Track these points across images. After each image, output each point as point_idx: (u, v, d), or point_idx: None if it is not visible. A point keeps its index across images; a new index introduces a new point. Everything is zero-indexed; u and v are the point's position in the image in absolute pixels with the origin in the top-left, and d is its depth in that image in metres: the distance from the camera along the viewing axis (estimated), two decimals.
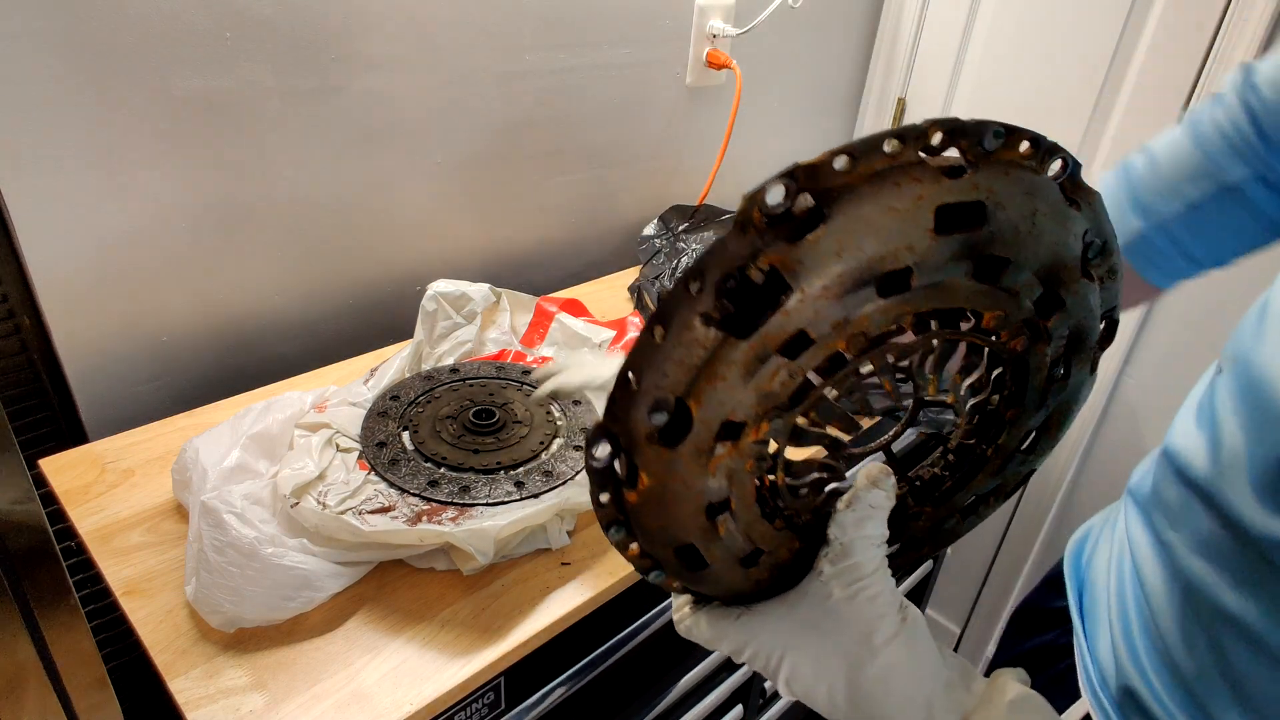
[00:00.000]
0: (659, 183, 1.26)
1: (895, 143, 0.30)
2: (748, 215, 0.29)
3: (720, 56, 1.18)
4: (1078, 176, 0.32)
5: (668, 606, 0.74)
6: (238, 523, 0.57)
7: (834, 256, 0.29)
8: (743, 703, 0.94)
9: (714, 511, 0.34)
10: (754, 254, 0.29)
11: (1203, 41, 1.12)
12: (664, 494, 0.33)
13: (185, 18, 0.73)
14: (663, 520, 0.34)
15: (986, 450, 0.38)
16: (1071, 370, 0.36)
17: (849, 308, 0.30)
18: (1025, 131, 0.31)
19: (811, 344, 0.30)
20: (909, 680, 0.36)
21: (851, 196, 0.30)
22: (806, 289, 0.29)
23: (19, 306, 0.74)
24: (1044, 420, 0.38)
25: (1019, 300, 0.32)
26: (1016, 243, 0.31)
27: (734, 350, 0.30)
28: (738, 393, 0.31)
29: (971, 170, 0.30)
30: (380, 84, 0.88)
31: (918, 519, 0.40)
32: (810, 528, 0.37)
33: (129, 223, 0.77)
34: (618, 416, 0.32)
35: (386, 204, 0.95)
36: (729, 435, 0.32)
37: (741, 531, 0.35)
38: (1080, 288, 0.33)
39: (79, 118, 0.71)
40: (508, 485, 0.68)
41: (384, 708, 0.54)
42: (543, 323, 0.94)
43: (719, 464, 0.32)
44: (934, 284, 0.31)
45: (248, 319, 0.89)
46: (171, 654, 0.56)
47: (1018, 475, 0.41)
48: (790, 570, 0.38)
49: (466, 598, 0.62)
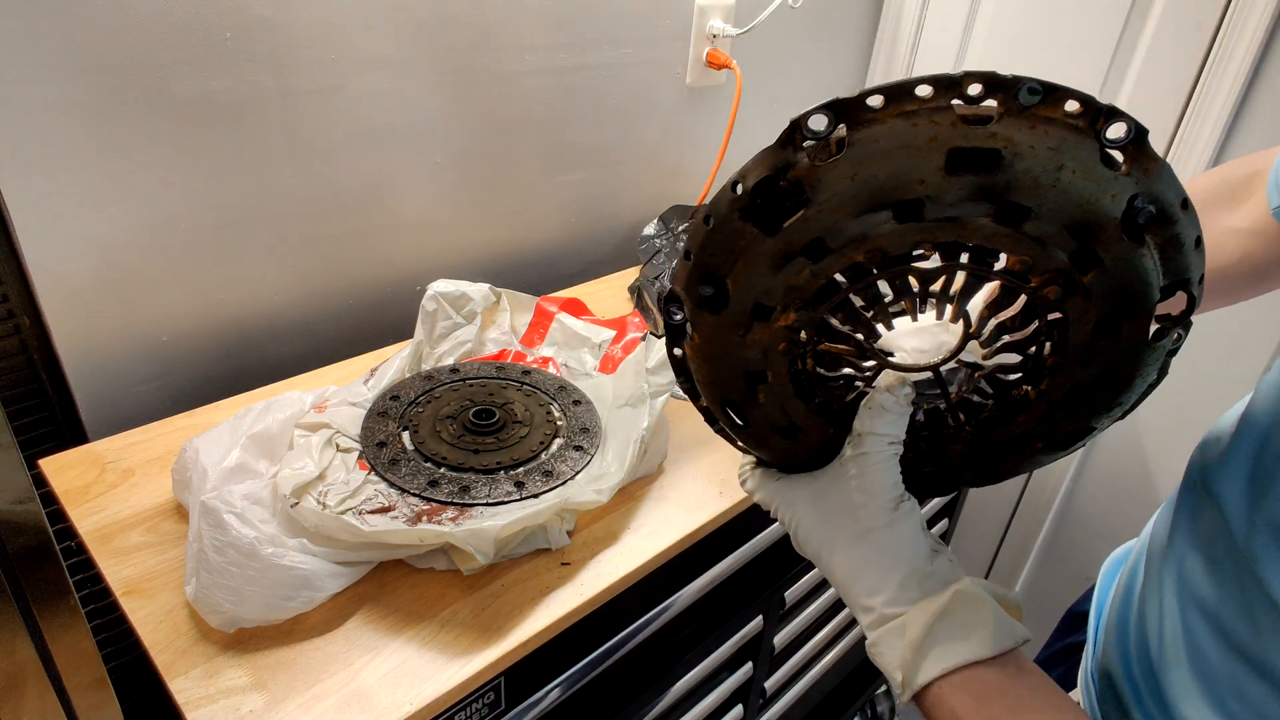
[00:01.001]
0: (659, 183, 1.26)
1: (928, 88, 0.34)
2: (791, 135, 0.35)
3: (720, 56, 1.18)
4: (1144, 143, 0.34)
5: (667, 607, 0.74)
6: (238, 523, 0.57)
7: (848, 180, 0.34)
8: (743, 703, 0.94)
9: (753, 380, 0.41)
10: (786, 167, 0.35)
11: (1203, 41, 1.12)
12: (710, 352, 0.41)
13: (185, 17, 0.73)
14: (710, 375, 0.42)
15: (1029, 392, 0.42)
16: (1122, 330, 0.37)
17: (866, 226, 0.35)
18: (1072, 91, 0.33)
19: (831, 251, 0.36)
20: (879, 562, 0.42)
21: (874, 129, 0.34)
22: (823, 203, 0.35)
23: (19, 306, 0.74)
24: (1094, 377, 0.40)
25: (1047, 249, 0.35)
26: (1037, 193, 0.34)
27: (762, 243, 0.37)
28: (767, 280, 0.37)
29: (996, 120, 0.33)
30: (380, 84, 0.88)
31: (955, 440, 0.45)
32: (842, 418, 0.44)
33: (129, 223, 0.77)
34: (683, 284, 0.40)
35: (386, 204, 0.95)
36: (761, 316, 0.39)
37: (778, 404, 0.42)
38: (1123, 249, 0.35)
39: (79, 118, 0.71)
40: (508, 485, 0.68)
41: (384, 708, 0.54)
42: (543, 323, 0.94)
43: (754, 339, 0.39)
44: (950, 218, 0.35)
45: (248, 319, 0.89)
46: (171, 654, 0.56)
47: (1069, 427, 0.43)
48: (823, 454, 0.45)
49: (466, 598, 0.62)
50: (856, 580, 0.43)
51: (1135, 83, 1.20)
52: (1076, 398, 0.41)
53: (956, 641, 0.39)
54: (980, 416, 0.44)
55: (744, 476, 0.50)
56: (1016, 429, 0.43)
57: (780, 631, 0.94)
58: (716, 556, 0.78)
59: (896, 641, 0.41)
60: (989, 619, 0.40)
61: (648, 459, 0.75)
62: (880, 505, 0.42)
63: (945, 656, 0.39)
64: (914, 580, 0.41)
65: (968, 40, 1.36)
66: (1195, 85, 1.14)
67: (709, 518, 0.72)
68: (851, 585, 0.43)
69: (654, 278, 1.06)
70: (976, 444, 0.45)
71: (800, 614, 0.97)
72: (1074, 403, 0.41)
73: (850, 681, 1.29)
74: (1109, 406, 0.42)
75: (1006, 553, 1.57)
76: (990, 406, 0.44)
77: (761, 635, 0.90)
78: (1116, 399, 0.41)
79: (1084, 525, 1.45)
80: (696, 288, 0.39)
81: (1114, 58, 1.21)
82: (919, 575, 0.41)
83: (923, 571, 0.41)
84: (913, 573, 0.41)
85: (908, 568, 0.41)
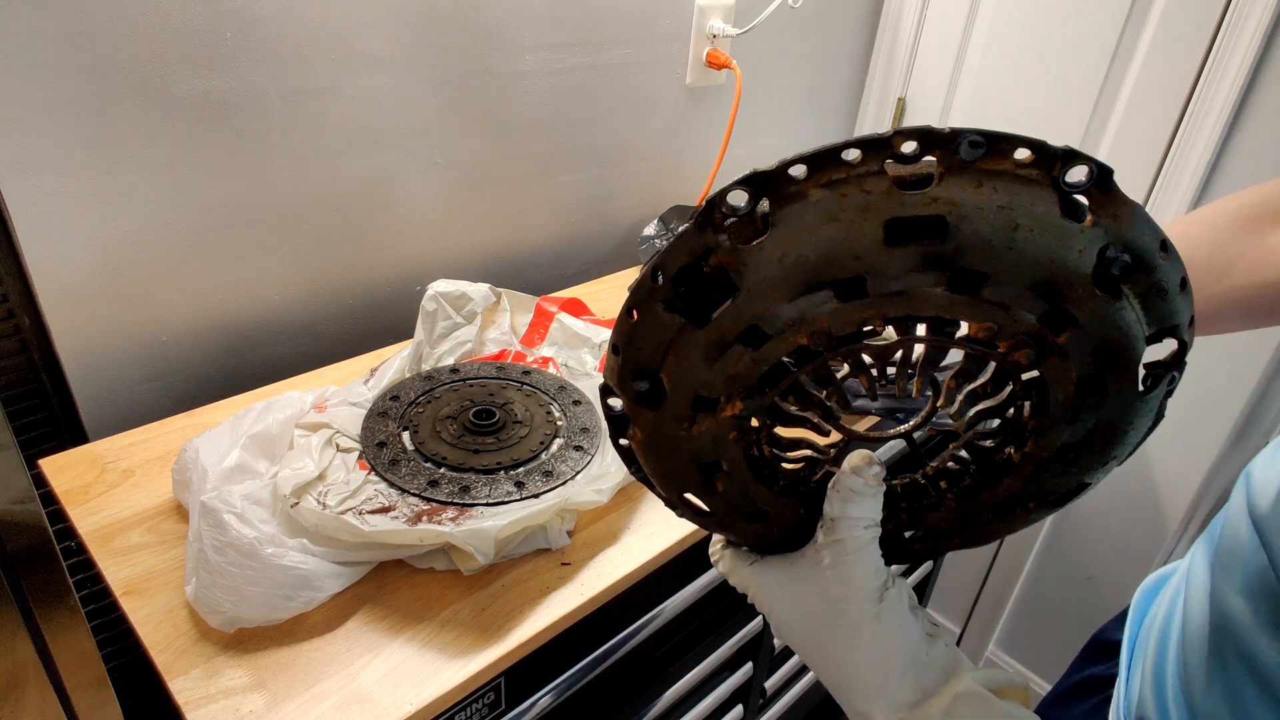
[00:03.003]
0: (659, 183, 1.26)
1: (856, 152, 0.31)
2: (709, 216, 0.32)
3: (720, 56, 1.18)
4: (1109, 184, 0.31)
5: (667, 606, 0.74)
6: (238, 523, 0.57)
7: (775, 262, 0.31)
8: (743, 703, 0.94)
9: (707, 470, 0.38)
10: (707, 252, 0.32)
11: (1203, 41, 1.12)
12: (656, 446, 0.38)
13: (185, 18, 0.73)
14: (660, 468, 0.39)
15: (1012, 455, 0.39)
16: (1107, 387, 0.35)
17: (803, 308, 0.32)
18: (1018, 138, 0.30)
19: (769, 337, 0.33)
20: (868, 659, 0.39)
21: (799, 204, 0.31)
22: (752, 289, 0.32)
23: (19, 306, 0.74)
24: (1083, 435, 0.37)
25: (1011, 313, 0.32)
26: (991, 257, 0.31)
27: (693, 335, 0.34)
28: (703, 372, 0.34)
29: (936, 182, 0.30)
30: (380, 84, 0.88)
31: (937, 508, 0.42)
32: (812, 499, 0.41)
33: (129, 223, 0.77)
34: (615, 380, 0.37)
35: (386, 204, 0.95)
36: (705, 408, 0.36)
37: (739, 490, 0.39)
38: (1098, 304, 0.32)
39: (79, 118, 0.71)
40: (508, 485, 0.68)
41: (384, 708, 0.54)
42: (543, 323, 0.94)
43: (701, 430, 0.36)
44: (896, 292, 0.32)
45: (248, 319, 0.89)
46: (171, 654, 0.56)
47: (1061, 486, 0.40)
48: (798, 533, 0.42)
49: (466, 598, 0.62)
50: (847, 684, 0.40)
51: (1135, 83, 1.20)
52: (1066, 456, 0.38)
53: None
54: (963, 484, 0.41)
55: (716, 557, 0.47)
56: (1004, 491, 0.41)
57: None
58: None
59: None
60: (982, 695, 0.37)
61: None
62: (863, 596, 0.39)
63: None
64: (910, 675, 0.38)
65: (968, 41, 1.37)
66: (1195, 85, 1.14)
67: None
68: (843, 689, 0.40)
69: None
70: (962, 510, 0.42)
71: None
72: (1064, 461, 0.39)
73: None
74: (1103, 461, 0.39)
75: (1006, 553, 1.57)
76: (972, 473, 0.41)
77: (761, 635, 0.90)
78: (1110, 453, 0.38)
79: (1083, 525, 1.45)
80: (630, 384, 0.36)
81: (1114, 58, 1.21)
82: (915, 668, 0.38)
83: (919, 663, 0.38)
84: (908, 666, 0.38)
85: (902, 662, 0.38)
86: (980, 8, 1.34)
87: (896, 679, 0.38)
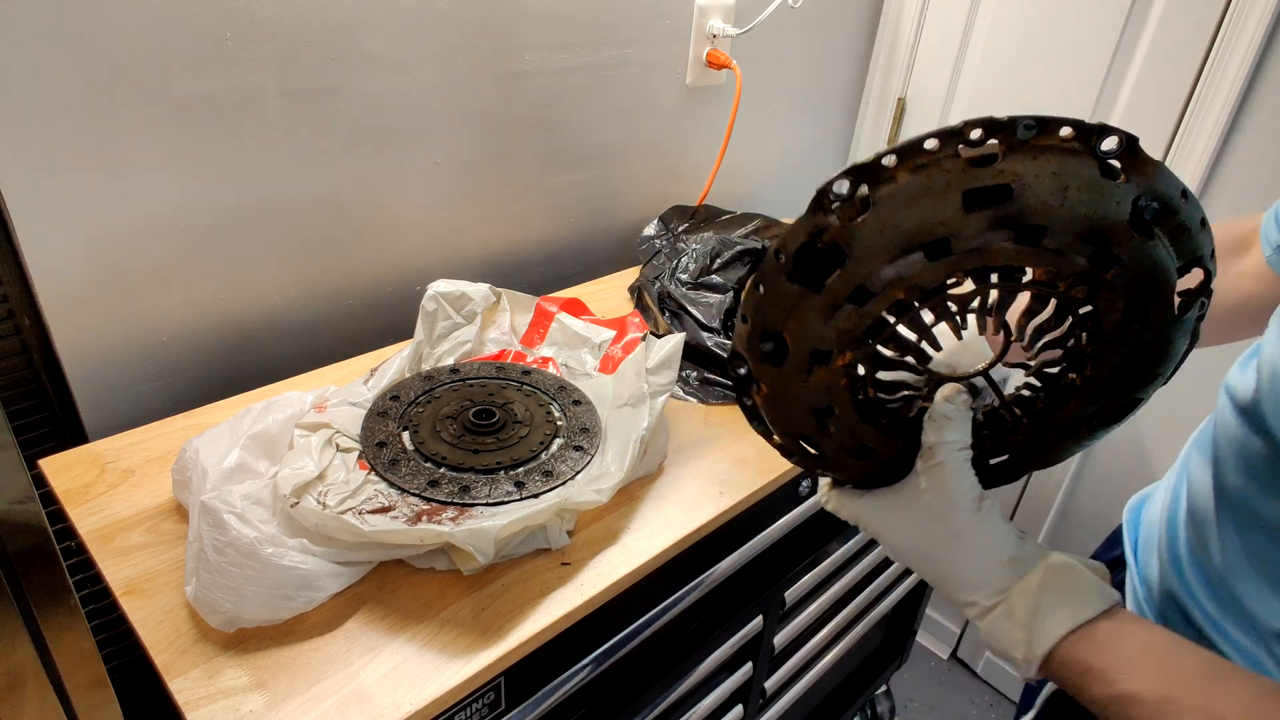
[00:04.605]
0: (659, 183, 1.26)
1: (934, 141, 0.38)
2: (820, 201, 0.40)
3: (720, 56, 1.18)
4: (1135, 149, 0.38)
5: (667, 607, 0.74)
6: (238, 523, 0.57)
7: (877, 233, 0.39)
8: (743, 703, 0.94)
9: (821, 415, 0.45)
10: (820, 230, 0.40)
11: (1203, 41, 1.12)
12: (778, 399, 0.45)
13: (185, 18, 0.73)
14: (781, 418, 0.47)
15: (1075, 379, 0.46)
16: (1149, 313, 0.42)
17: (900, 268, 0.40)
18: (1061, 119, 0.38)
19: (873, 295, 0.40)
20: (972, 558, 0.46)
21: (892, 186, 0.39)
22: (859, 256, 0.40)
23: (19, 306, 0.74)
24: (1132, 356, 0.44)
25: (1067, 258, 0.39)
26: (1049, 213, 0.38)
27: (810, 300, 0.41)
28: (819, 329, 0.42)
29: (1001, 159, 0.38)
30: (380, 84, 0.88)
31: (1015, 433, 0.49)
32: (909, 433, 0.48)
33: (129, 223, 0.77)
34: (745, 344, 0.44)
35: (386, 204, 0.95)
36: (820, 360, 0.43)
37: (848, 431, 0.46)
38: (1136, 244, 0.39)
39: (79, 118, 0.71)
40: (508, 485, 0.68)
41: (384, 708, 0.54)
42: (543, 323, 0.94)
43: (816, 381, 0.43)
44: (974, 249, 0.39)
45: (248, 319, 0.89)
46: (171, 654, 0.56)
47: (1119, 402, 0.47)
48: (898, 465, 0.49)
49: (466, 598, 0.62)
50: (957, 580, 0.46)
51: (1135, 83, 1.20)
52: (1120, 376, 0.45)
53: (1060, 610, 0.43)
54: (1035, 408, 0.48)
55: (825, 498, 0.53)
56: (1070, 412, 0.47)
57: (780, 631, 0.94)
58: (716, 556, 0.78)
59: (1006, 624, 0.44)
60: (1084, 583, 0.44)
61: (647, 459, 0.75)
62: (964, 508, 0.46)
63: (1055, 625, 0.43)
64: (1009, 568, 0.45)
65: (968, 41, 1.37)
66: (1195, 85, 1.14)
67: (709, 518, 0.72)
68: (953, 585, 0.47)
69: (654, 278, 1.06)
70: (1035, 432, 0.48)
71: (800, 614, 0.97)
72: (1118, 380, 0.45)
73: (850, 681, 1.29)
74: (1151, 378, 0.45)
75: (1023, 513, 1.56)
76: (1042, 398, 0.48)
77: (761, 635, 0.90)
78: (1156, 370, 0.45)
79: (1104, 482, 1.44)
80: (757, 345, 0.44)
81: (1114, 58, 1.21)
82: (1013, 562, 0.45)
83: (1014, 558, 0.45)
84: (1007, 561, 0.45)
85: (1001, 557, 0.45)
86: (980, 8, 1.34)
87: (998, 571, 0.45)
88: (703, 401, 0.89)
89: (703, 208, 1.25)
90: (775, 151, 1.43)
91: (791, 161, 1.48)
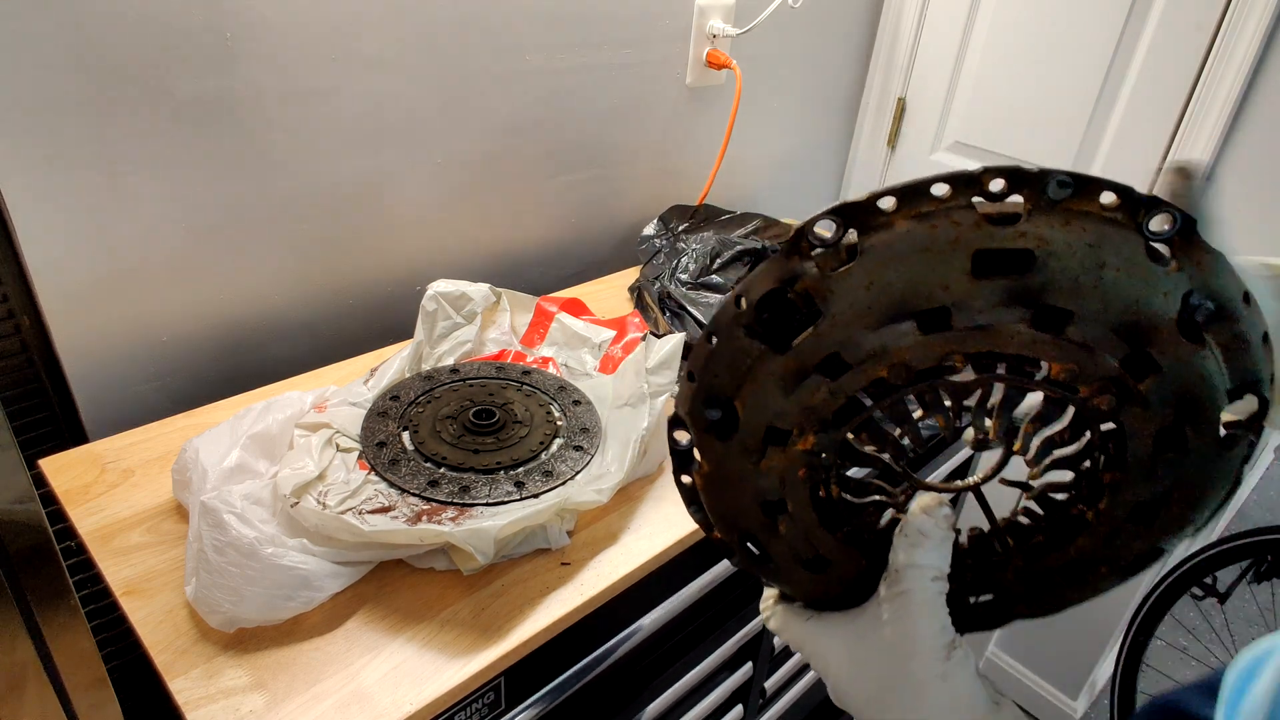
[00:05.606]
0: (659, 183, 1.26)
1: (945, 187, 0.31)
2: (796, 243, 0.32)
3: (720, 56, 1.18)
4: (1192, 233, 0.31)
5: (667, 607, 0.74)
6: (238, 523, 0.57)
7: (863, 289, 0.32)
8: (743, 703, 0.94)
9: (771, 510, 0.37)
10: (793, 278, 0.32)
11: (1203, 41, 1.12)
12: (721, 481, 0.37)
13: (185, 18, 0.73)
14: (723, 505, 0.38)
15: (1085, 512, 0.38)
16: (1187, 440, 0.34)
17: (886, 338, 0.32)
18: (1107, 182, 0.30)
19: (849, 368, 0.33)
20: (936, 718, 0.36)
21: (887, 234, 0.31)
22: (837, 315, 0.32)
23: (19, 306, 0.74)
24: (1160, 493, 0.36)
25: (1095, 355, 0.32)
26: (1078, 294, 0.31)
27: (772, 362, 0.33)
28: (779, 401, 0.34)
29: (1025, 218, 0.31)
30: (380, 84, 0.88)
31: (1004, 568, 0.40)
32: (876, 548, 0.39)
33: (129, 223, 0.77)
34: (686, 407, 0.36)
35: (387, 204, 0.95)
36: (776, 441, 0.35)
37: (802, 535, 0.38)
38: (1181, 351, 0.32)
39: (79, 118, 0.71)
40: (508, 485, 0.68)
41: (384, 708, 0.54)
42: (543, 322, 0.94)
43: (770, 465, 0.36)
44: (980, 326, 0.32)
45: (248, 319, 0.89)
46: (171, 654, 0.56)
47: (1135, 550, 0.38)
48: (858, 588, 0.40)
49: (466, 598, 0.62)
50: None
51: (1135, 83, 1.20)
52: (1141, 516, 0.37)
53: None
54: (1032, 541, 0.40)
55: (768, 613, 0.44)
56: (1076, 553, 0.39)
57: None
58: (716, 556, 0.78)
59: None
60: None
61: (647, 459, 0.75)
62: (929, 654, 0.36)
63: None
64: None
65: (968, 41, 1.37)
66: (1195, 85, 1.14)
67: None
68: None
69: (654, 278, 1.06)
70: (1030, 571, 0.40)
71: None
72: (1139, 521, 0.37)
73: None
74: (1180, 523, 0.37)
75: None
76: (1042, 530, 0.40)
77: (761, 635, 0.90)
78: (1188, 515, 0.37)
79: None
80: (701, 412, 0.36)
81: (1114, 58, 1.21)
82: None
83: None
84: None
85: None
86: (980, 8, 1.34)
87: None
88: None
89: (703, 208, 1.25)
90: (775, 151, 1.43)
91: (791, 161, 1.48)
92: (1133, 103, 1.21)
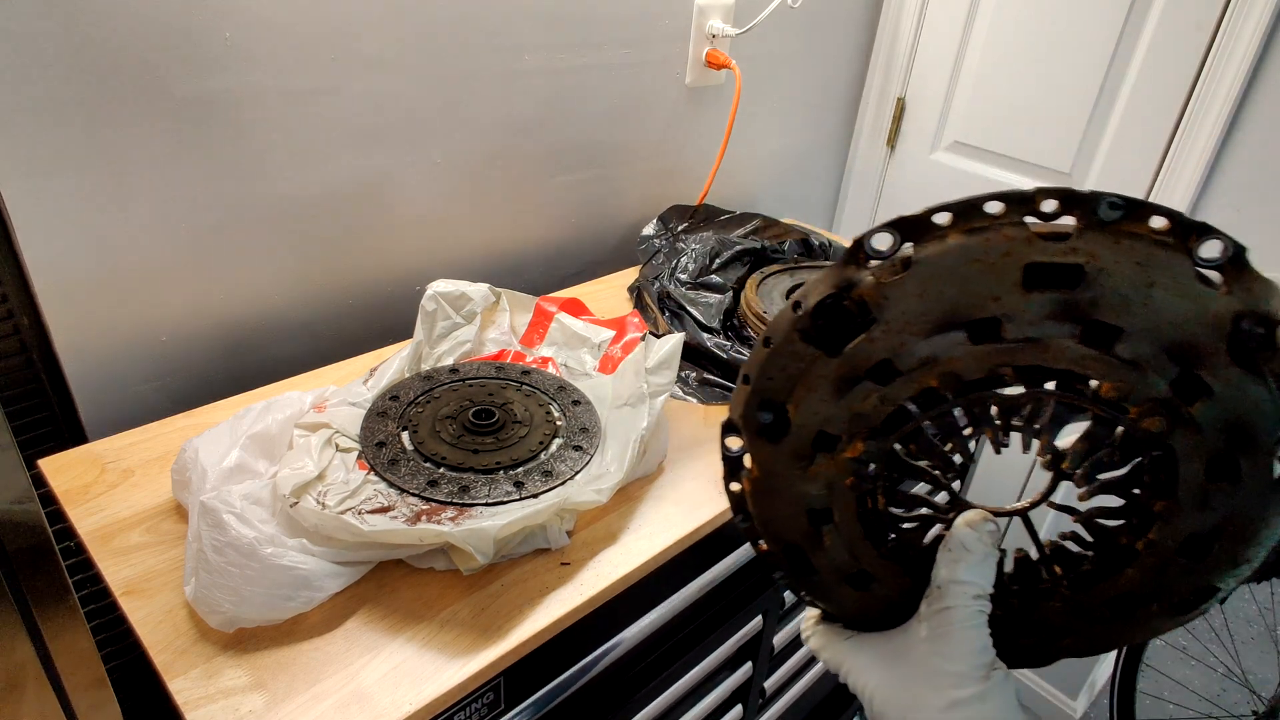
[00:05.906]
0: (659, 183, 1.26)
1: (999, 205, 0.32)
2: (854, 254, 0.34)
3: (720, 56, 1.18)
4: (1243, 261, 0.31)
5: (668, 606, 0.74)
6: (237, 523, 0.57)
7: (916, 297, 0.33)
8: (742, 703, 0.94)
9: (817, 519, 0.38)
10: (849, 285, 0.34)
11: (1203, 41, 1.12)
12: (770, 486, 0.38)
13: (185, 18, 0.73)
14: (769, 512, 0.39)
15: (1135, 542, 0.37)
16: (1240, 470, 0.33)
17: (937, 347, 0.34)
18: (1158, 207, 0.31)
19: (899, 374, 0.34)
20: None
21: (941, 246, 0.33)
22: (890, 322, 0.33)
23: (19, 306, 0.74)
24: (1213, 526, 0.35)
25: (1145, 375, 0.32)
26: (1127, 311, 0.31)
27: (825, 366, 0.35)
28: (830, 406, 0.35)
29: (1075, 236, 0.31)
30: (380, 84, 0.88)
31: (1050, 596, 0.40)
32: (919, 565, 0.39)
33: (129, 223, 0.77)
34: (740, 410, 0.37)
35: (386, 204, 0.95)
36: (825, 446, 0.36)
37: (845, 546, 0.39)
38: (1233, 375, 0.32)
39: (79, 118, 0.71)
40: (507, 485, 0.68)
41: (384, 708, 0.54)
42: (542, 322, 0.94)
43: (818, 471, 0.37)
44: (1030, 339, 0.33)
45: (247, 319, 0.89)
46: (171, 654, 0.56)
47: (1186, 587, 0.37)
48: (900, 609, 0.40)
49: (466, 598, 0.62)
50: None
51: (1135, 83, 1.20)
52: (1194, 550, 0.36)
53: None
54: (1080, 569, 0.39)
55: (808, 633, 0.45)
56: (1125, 585, 0.38)
57: (780, 631, 0.94)
58: (716, 556, 0.78)
59: None
60: None
61: (647, 459, 0.75)
62: (968, 672, 0.36)
63: None
64: None
65: (968, 41, 1.37)
66: (1195, 85, 1.14)
67: (709, 518, 0.72)
68: None
69: (653, 278, 1.06)
70: (1077, 603, 0.39)
71: (800, 614, 0.97)
72: (1191, 555, 0.36)
73: None
74: (1234, 562, 0.36)
75: None
76: (1090, 558, 0.39)
77: (761, 635, 0.90)
78: (1242, 553, 0.36)
79: None
80: (755, 414, 0.37)
81: (1113, 57, 1.21)
82: None
83: None
84: None
85: None
86: (980, 8, 1.34)
87: None
88: (702, 401, 0.89)
89: (702, 207, 1.25)
90: (775, 151, 1.43)
91: (791, 161, 1.48)
92: (1132, 102, 1.21)
